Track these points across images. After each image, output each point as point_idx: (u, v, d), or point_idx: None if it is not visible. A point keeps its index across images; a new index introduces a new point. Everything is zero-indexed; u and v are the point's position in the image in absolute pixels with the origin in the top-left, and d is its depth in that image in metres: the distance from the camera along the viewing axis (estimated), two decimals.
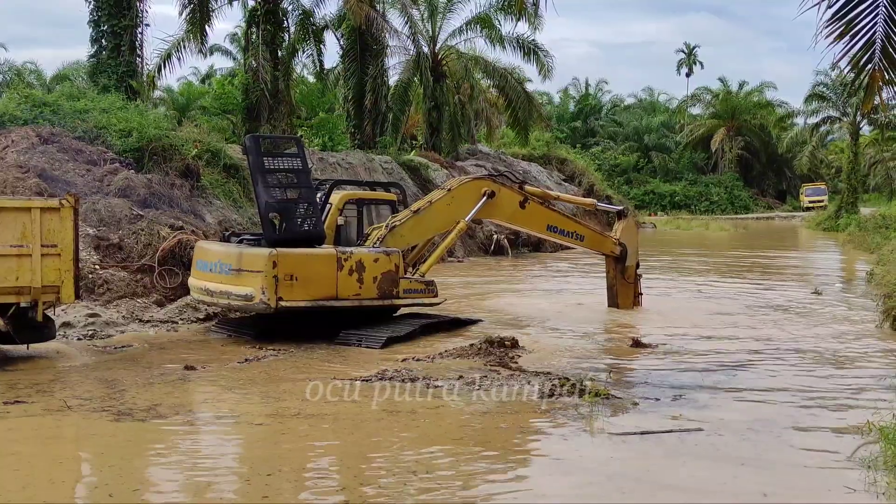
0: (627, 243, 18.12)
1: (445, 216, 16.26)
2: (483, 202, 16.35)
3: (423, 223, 16.01)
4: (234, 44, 58.61)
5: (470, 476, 7.90)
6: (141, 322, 15.40)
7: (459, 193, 16.40)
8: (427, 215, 16.01)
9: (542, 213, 17.30)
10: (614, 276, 18.22)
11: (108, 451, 8.50)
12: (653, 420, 9.54)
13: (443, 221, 16.33)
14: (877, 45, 9.00)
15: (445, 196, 16.36)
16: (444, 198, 16.32)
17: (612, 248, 18.05)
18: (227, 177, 22.71)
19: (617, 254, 18.04)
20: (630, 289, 18.26)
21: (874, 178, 79.17)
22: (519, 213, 17.00)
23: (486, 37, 43.39)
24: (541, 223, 17.44)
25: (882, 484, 7.41)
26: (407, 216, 15.78)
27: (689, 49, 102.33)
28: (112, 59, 27.61)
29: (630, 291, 18.26)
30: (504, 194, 16.68)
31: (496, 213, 17.02)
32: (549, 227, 17.44)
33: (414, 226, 15.80)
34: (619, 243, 18.06)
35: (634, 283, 18.37)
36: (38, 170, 18.08)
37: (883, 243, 30.73)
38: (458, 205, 16.31)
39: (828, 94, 57.54)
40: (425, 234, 16.47)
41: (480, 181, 16.88)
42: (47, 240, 12.04)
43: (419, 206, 16.17)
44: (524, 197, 16.95)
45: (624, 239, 18.15)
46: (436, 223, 16.32)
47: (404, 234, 15.62)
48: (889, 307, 16.28)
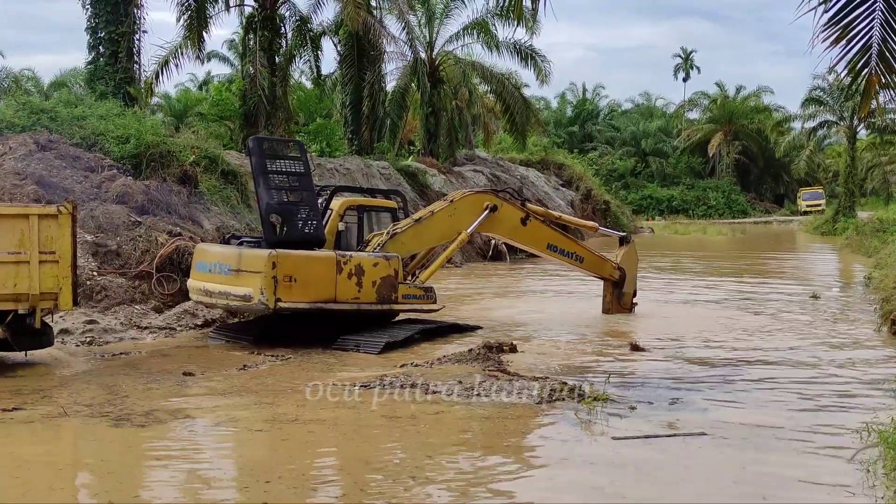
0: (627, 269, 18.12)
1: (447, 227, 16.27)
2: (485, 216, 16.37)
3: (425, 232, 16.02)
4: (231, 50, 58.79)
5: (471, 481, 7.89)
6: (139, 328, 15.39)
7: (461, 206, 16.42)
8: (428, 225, 16.01)
9: (543, 232, 17.32)
10: (610, 302, 18.20)
11: (107, 457, 8.49)
12: (652, 424, 9.54)
13: (444, 232, 16.33)
14: (873, 49, 9.01)
15: (448, 207, 16.36)
16: (446, 209, 16.33)
17: (611, 272, 18.06)
18: (224, 183, 22.70)
19: (616, 278, 18.05)
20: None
21: (871, 182, 79.29)
22: (520, 230, 17.01)
23: (484, 42, 43.50)
24: (541, 241, 17.46)
25: (881, 487, 7.41)
26: (408, 224, 15.80)
27: (686, 54, 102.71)
28: (109, 66, 27.61)
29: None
30: (506, 209, 16.69)
31: (497, 227, 17.01)
32: (550, 245, 17.45)
33: (415, 234, 15.81)
34: (619, 268, 18.06)
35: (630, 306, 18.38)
36: (35, 176, 18.07)
37: (880, 247, 30.76)
38: (460, 216, 16.33)
39: (825, 98, 57.55)
40: (426, 244, 16.49)
41: (483, 195, 16.87)
42: (45, 247, 12.02)
43: (421, 215, 16.20)
44: (526, 214, 16.98)
45: (624, 264, 18.14)
46: (437, 233, 16.32)
47: (405, 242, 15.63)
48: (887, 311, 16.30)
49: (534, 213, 17.34)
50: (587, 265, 18.03)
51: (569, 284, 24.42)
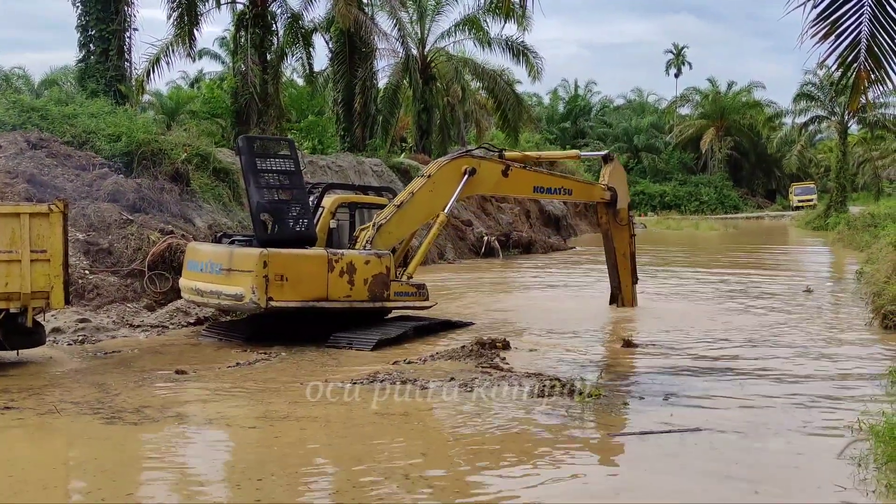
0: (616, 186, 18.10)
1: (430, 204, 15.98)
2: (465, 181, 16.06)
3: (408, 215, 15.71)
4: (222, 47, 58.72)
5: (464, 479, 7.90)
6: (131, 327, 15.38)
7: (440, 178, 16.06)
8: (411, 207, 15.70)
9: (526, 177, 17.20)
10: (607, 222, 18.23)
11: (100, 455, 8.47)
12: (645, 420, 9.56)
13: (427, 210, 16.05)
14: (862, 44, 9.05)
15: (426, 183, 15.97)
16: (425, 185, 15.94)
17: (601, 194, 18.05)
18: (216, 181, 22.65)
19: (608, 199, 18.01)
20: (625, 231, 18.28)
21: (862, 177, 79.61)
22: (503, 182, 16.85)
23: (475, 39, 43.51)
24: (527, 186, 17.44)
25: (872, 481, 7.44)
26: (391, 212, 15.52)
27: (678, 50, 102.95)
28: (100, 64, 27.53)
29: (625, 235, 18.29)
30: (485, 167, 16.44)
31: (480, 187, 16.92)
32: (536, 188, 17.45)
33: (399, 220, 15.55)
34: (609, 188, 18.03)
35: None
36: (26, 175, 18.01)
37: (872, 241, 30.83)
38: (441, 189, 16.01)
39: (816, 93, 57.78)
40: (412, 226, 16.24)
41: (459, 160, 16.37)
42: (36, 245, 12.00)
43: (401, 199, 15.83)
44: (506, 165, 16.78)
45: (612, 183, 18.13)
46: (421, 213, 16.02)
47: (392, 231, 15.43)
48: (878, 305, 16.36)
49: (513, 162, 17.14)
50: (577, 195, 18.29)
51: (561, 280, 24.48)
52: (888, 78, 9.30)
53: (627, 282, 18.54)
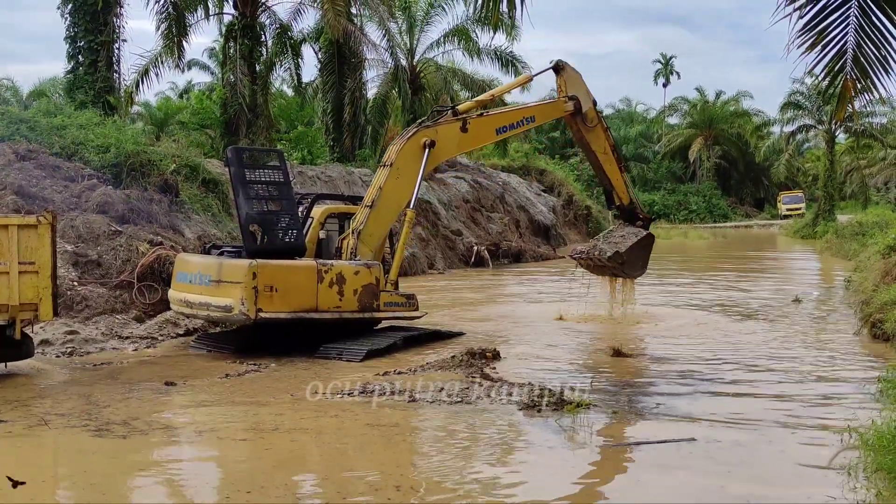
0: (576, 91, 17.89)
1: (399, 193, 15.76)
2: (427, 155, 15.83)
3: (382, 212, 15.53)
4: (211, 58, 58.58)
5: (455, 490, 7.88)
6: (120, 338, 15.32)
7: (402, 162, 15.80)
8: (382, 203, 15.49)
9: (485, 123, 17.02)
10: (580, 131, 18.03)
11: (89, 468, 8.43)
12: (637, 430, 9.57)
13: (398, 199, 15.77)
14: (848, 54, 9.10)
15: (391, 172, 15.70)
16: (390, 175, 15.67)
17: (564, 107, 17.90)
18: (205, 192, 22.62)
19: (572, 109, 17.83)
20: (598, 130, 18.10)
21: (850, 186, 79.85)
22: (465, 139, 16.64)
23: (464, 49, 43.49)
24: (489, 133, 17.37)
25: (862, 490, 7.46)
26: (366, 215, 15.37)
27: (666, 59, 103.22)
28: (89, 75, 27.46)
29: (600, 133, 18.12)
30: (442, 133, 16.18)
31: (444, 154, 16.80)
32: (498, 129, 17.37)
33: (376, 220, 15.40)
34: (569, 97, 17.86)
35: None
36: (14, 187, 17.95)
37: (860, 250, 30.95)
38: (406, 173, 15.75)
39: (803, 102, 58.04)
40: (390, 221, 15.95)
41: (415, 137, 16.01)
42: (25, 257, 11.96)
43: (371, 197, 15.59)
44: (462, 120, 16.50)
45: (570, 91, 17.90)
46: (393, 205, 15.74)
47: (372, 232, 15.31)
48: (867, 314, 16.39)
49: (467, 113, 16.77)
50: (541, 117, 18.27)
51: (551, 289, 24.46)
52: (874, 87, 9.36)
53: (616, 175, 18.46)
